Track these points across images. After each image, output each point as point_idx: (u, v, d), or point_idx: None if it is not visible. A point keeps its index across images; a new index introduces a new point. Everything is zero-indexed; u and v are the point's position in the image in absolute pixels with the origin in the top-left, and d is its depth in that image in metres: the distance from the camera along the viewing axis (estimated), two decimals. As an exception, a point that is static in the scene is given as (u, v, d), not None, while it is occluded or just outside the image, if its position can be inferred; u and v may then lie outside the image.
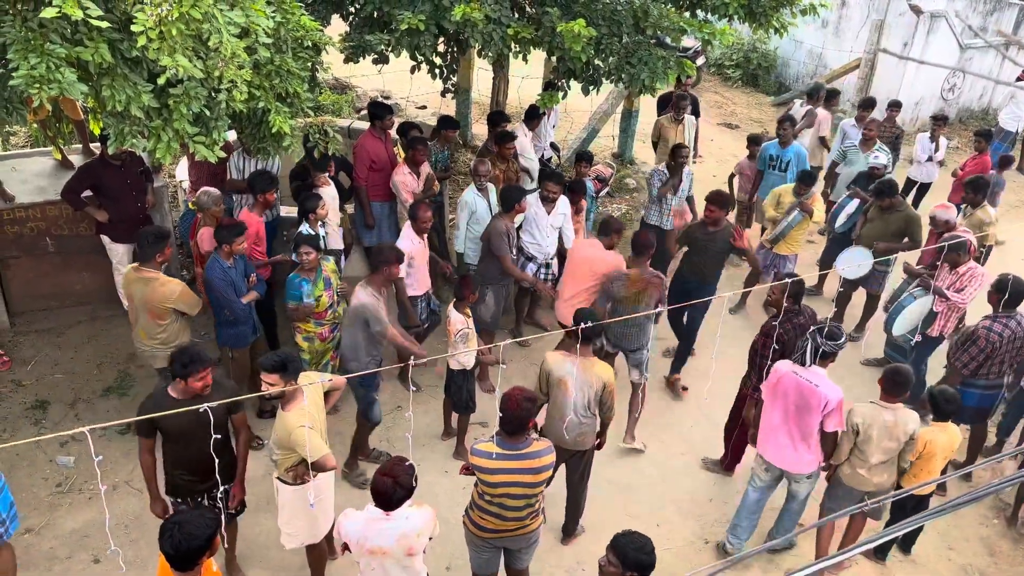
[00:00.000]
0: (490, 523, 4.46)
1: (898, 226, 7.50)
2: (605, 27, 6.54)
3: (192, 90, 4.52)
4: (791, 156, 8.62)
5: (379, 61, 6.98)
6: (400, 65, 7.60)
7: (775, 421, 5.30)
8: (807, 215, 7.77)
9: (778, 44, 15.20)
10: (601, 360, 5.27)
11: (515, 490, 4.29)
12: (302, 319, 6.05)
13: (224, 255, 5.86)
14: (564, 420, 5.07)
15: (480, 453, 4.30)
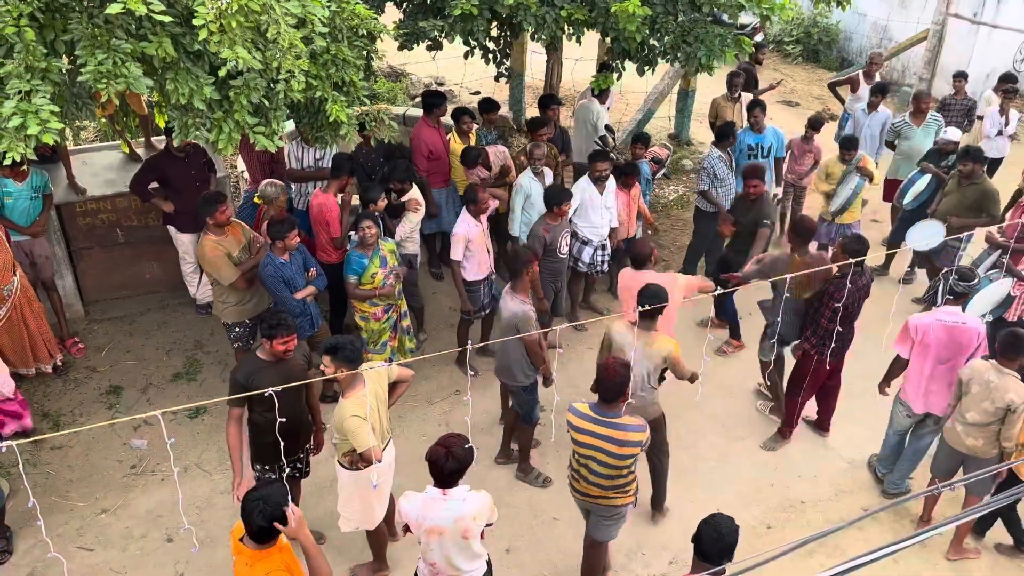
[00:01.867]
0: (578, 484, 4.68)
1: (974, 199, 7.25)
2: (660, 6, 6.45)
3: (252, 81, 4.61)
4: (770, 141, 8.28)
5: (433, 47, 7.01)
6: (454, 51, 7.62)
7: (927, 371, 5.51)
8: (868, 178, 7.72)
9: (840, 18, 14.74)
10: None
11: (600, 456, 4.43)
12: (360, 298, 6.14)
13: (278, 251, 5.85)
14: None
15: (574, 411, 4.50)
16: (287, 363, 4.77)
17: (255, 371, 4.67)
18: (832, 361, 6.03)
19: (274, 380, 4.34)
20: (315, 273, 6.12)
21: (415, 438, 6.33)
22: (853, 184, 7.70)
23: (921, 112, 8.62)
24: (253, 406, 4.71)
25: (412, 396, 6.69)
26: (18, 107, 3.91)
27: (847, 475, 6.27)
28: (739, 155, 8.27)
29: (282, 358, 4.70)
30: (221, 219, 5.95)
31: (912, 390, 5.66)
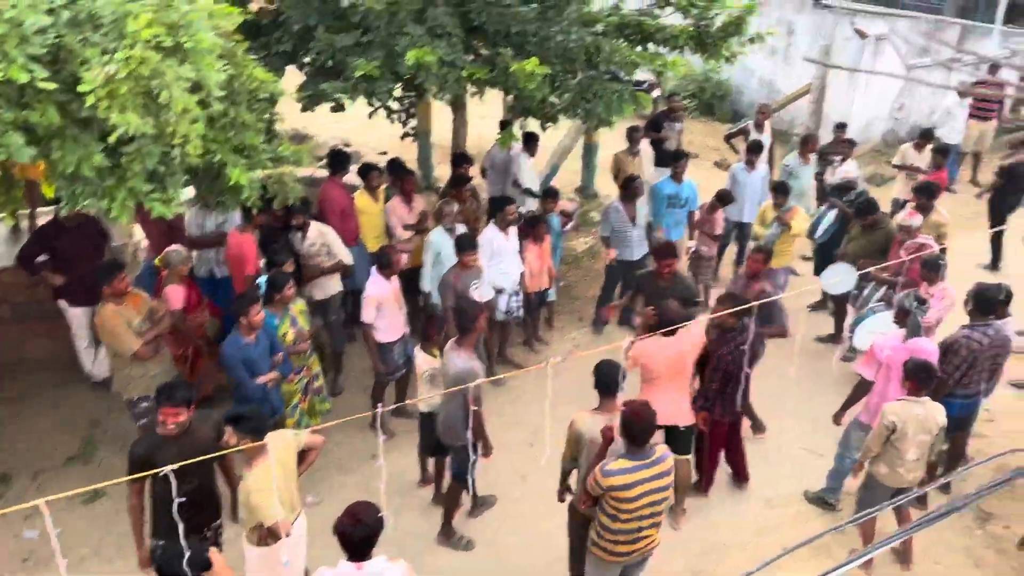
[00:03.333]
0: (625, 545, 4.52)
1: (882, 242, 7.67)
2: (559, 64, 6.63)
3: (145, 147, 4.47)
4: (687, 193, 8.63)
5: (336, 109, 7.00)
6: (359, 111, 7.62)
7: (892, 394, 5.63)
8: (785, 227, 8.05)
9: (731, 73, 15.52)
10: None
11: (654, 496, 4.38)
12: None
13: (244, 330, 5.48)
14: None
15: (615, 472, 4.30)
16: (192, 437, 4.55)
17: (155, 446, 4.46)
18: (728, 418, 6.08)
19: (175, 456, 4.16)
20: (281, 358, 5.76)
21: (332, 508, 6.08)
22: (771, 231, 8.10)
23: (809, 152, 9.28)
24: (155, 483, 4.45)
25: (324, 464, 6.45)
26: None
27: (766, 513, 6.35)
28: (659, 204, 8.61)
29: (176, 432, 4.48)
30: (120, 288, 5.70)
31: (877, 411, 5.66)
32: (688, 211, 8.72)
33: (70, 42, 4.02)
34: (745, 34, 7.56)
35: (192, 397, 4.63)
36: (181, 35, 4.12)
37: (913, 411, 5.26)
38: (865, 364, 5.82)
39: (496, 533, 6.04)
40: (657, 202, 8.63)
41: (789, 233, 8.09)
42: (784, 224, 8.03)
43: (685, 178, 8.63)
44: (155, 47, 3.99)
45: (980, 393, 6.30)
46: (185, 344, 6.50)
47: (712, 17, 7.40)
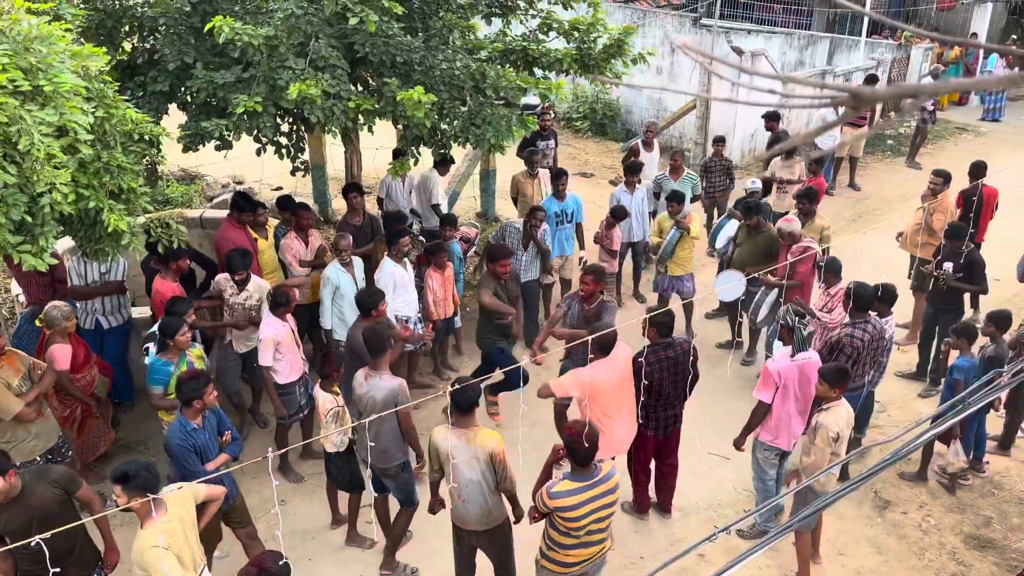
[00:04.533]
0: (578, 556, 4.65)
1: (766, 246, 7.96)
2: (446, 92, 6.64)
3: (9, 197, 4.23)
4: (571, 207, 8.83)
5: (222, 147, 6.80)
6: (248, 148, 7.44)
7: (791, 410, 5.81)
8: (684, 231, 8.25)
9: (620, 93, 15.96)
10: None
11: (600, 513, 4.53)
12: (166, 409, 5.68)
13: (191, 413, 4.99)
14: (460, 497, 4.89)
15: (561, 494, 4.44)
16: (28, 497, 4.35)
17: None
18: (656, 436, 6.10)
19: (12, 518, 4.24)
20: (230, 437, 5.31)
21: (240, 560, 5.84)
22: (669, 235, 8.31)
23: (677, 167, 9.68)
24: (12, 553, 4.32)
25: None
26: None
27: (678, 524, 6.46)
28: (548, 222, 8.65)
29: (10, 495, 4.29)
30: None
31: (780, 431, 5.86)
32: (576, 224, 8.92)
33: (-84, 90, 3.78)
34: (627, 55, 7.76)
35: (7, 465, 4.34)
36: (40, 78, 3.94)
37: (842, 415, 5.43)
38: (762, 389, 5.87)
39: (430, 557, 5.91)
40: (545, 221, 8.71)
41: (689, 237, 8.32)
42: (683, 228, 8.26)
43: (568, 193, 8.80)
44: (12, 92, 3.80)
45: (865, 385, 6.60)
46: (73, 405, 6.13)
47: (593, 40, 7.58)
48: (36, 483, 4.40)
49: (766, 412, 5.87)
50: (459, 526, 5.06)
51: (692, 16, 15.34)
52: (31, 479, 4.41)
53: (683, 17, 15.39)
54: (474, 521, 4.95)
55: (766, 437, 5.97)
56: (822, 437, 5.37)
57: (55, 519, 4.30)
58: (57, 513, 4.41)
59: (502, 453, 4.81)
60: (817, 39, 16.49)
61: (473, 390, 4.81)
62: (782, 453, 5.98)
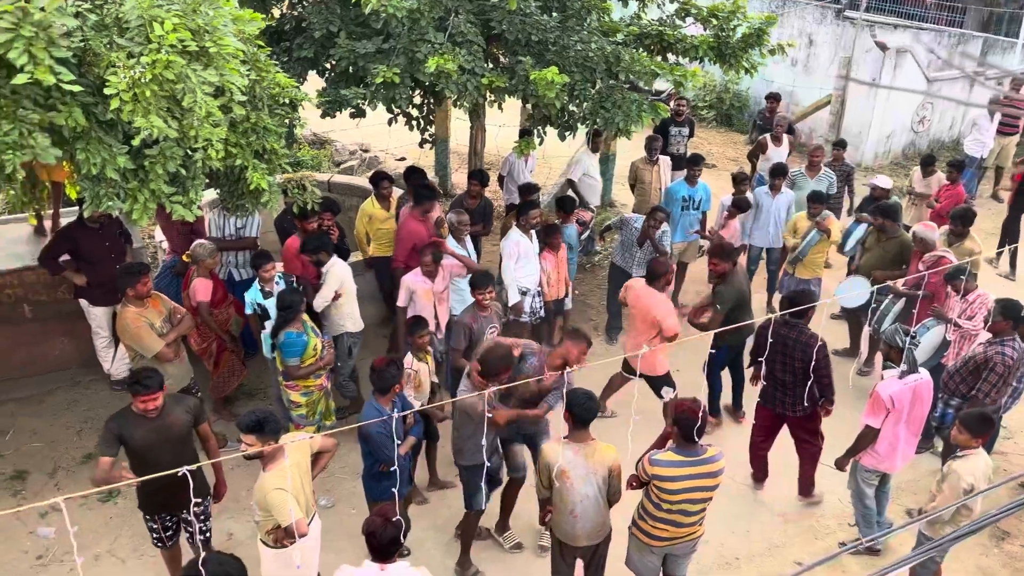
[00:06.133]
0: (665, 531, 4.66)
1: (896, 252, 7.61)
2: (578, 73, 6.64)
3: (168, 150, 4.52)
4: (701, 195, 8.81)
5: (356, 115, 7.03)
6: (378, 118, 7.66)
7: (902, 434, 5.60)
8: (824, 234, 7.98)
9: (750, 84, 15.49)
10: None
11: (696, 495, 4.53)
12: (306, 375, 5.95)
13: (385, 400, 5.01)
14: (573, 514, 4.67)
15: (662, 463, 4.48)
16: (165, 418, 4.71)
17: (126, 423, 4.64)
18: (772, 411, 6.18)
19: (146, 433, 4.56)
20: (413, 420, 5.34)
21: (345, 512, 6.11)
22: (808, 237, 8.04)
23: (815, 164, 9.20)
24: (132, 460, 4.69)
25: (340, 468, 6.48)
26: (-86, 180, 3.74)
27: (779, 529, 6.31)
28: (672, 205, 8.69)
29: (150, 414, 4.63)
30: (142, 291, 5.75)
31: (887, 456, 5.65)
32: (702, 212, 8.82)
33: (96, 45, 4.08)
34: (765, 45, 7.54)
35: (162, 381, 4.72)
36: (206, 40, 4.18)
37: (979, 465, 4.98)
38: (872, 414, 5.57)
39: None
40: (671, 204, 8.72)
41: (827, 241, 8.06)
42: (823, 230, 7.98)
43: (699, 181, 8.72)
44: (180, 51, 4.04)
45: (1001, 409, 6.24)
46: (210, 338, 6.59)
47: (732, 28, 7.39)
48: (174, 407, 4.80)
49: (874, 437, 5.62)
50: (565, 542, 4.82)
51: (835, 7, 14.68)
52: (170, 402, 4.80)
53: (825, 8, 14.75)
54: (584, 537, 4.75)
55: (869, 462, 5.74)
56: (951, 485, 4.99)
57: (180, 444, 4.74)
58: (183, 438, 4.80)
59: (620, 466, 4.66)
60: (969, 38, 15.48)
61: (593, 400, 4.63)
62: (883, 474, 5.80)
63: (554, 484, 4.62)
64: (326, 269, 6.44)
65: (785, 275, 8.46)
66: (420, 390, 5.90)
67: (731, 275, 6.75)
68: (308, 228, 6.74)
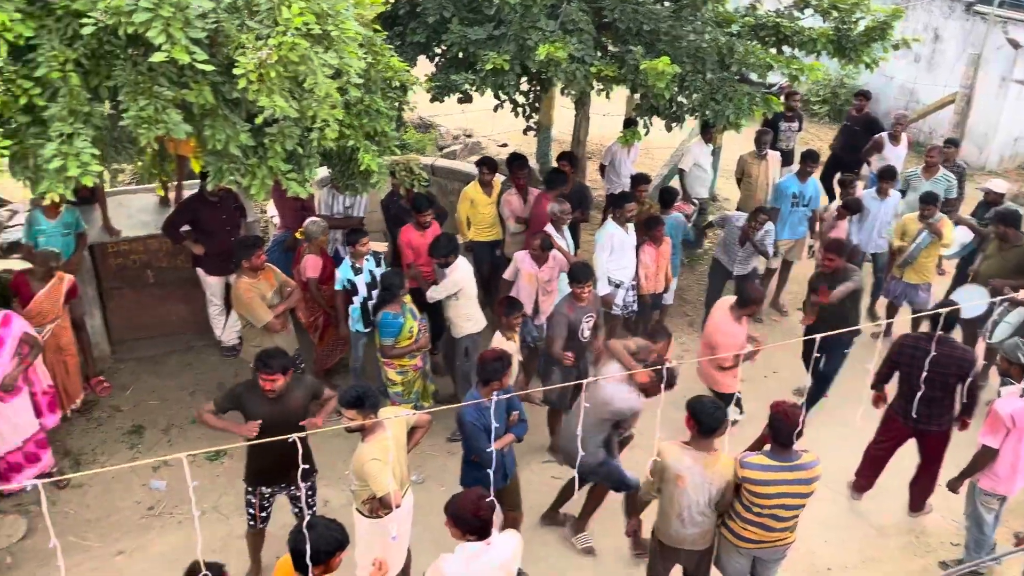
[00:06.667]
0: (754, 534, 4.57)
1: (1016, 262, 7.20)
2: (689, 64, 6.53)
3: (287, 129, 4.71)
4: (811, 192, 8.50)
5: (463, 100, 7.13)
6: (481, 104, 7.74)
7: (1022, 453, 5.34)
8: (936, 237, 7.61)
9: (867, 79, 14.83)
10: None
11: (788, 501, 4.43)
12: (399, 356, 6.13)
13: (487, 392, 4.95)
14: (680, 518, 4.62)
15: (753, 466, 4.41)
16: (285, 400, 4.85)
17: (249, 396, 4.84)
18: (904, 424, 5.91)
19: (266, 411, 4.74)
20: (517, 418, 5.20)
21: (434, 488, 6.26)
22: (919, 239, 7.67)
23: (932, 165, 8.69)
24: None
25: (431, 446, 6.63)
26: (59, 149, 4.02)
27: (875, 542, 6.10)
28: (781, 201, 8.46)
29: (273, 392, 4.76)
30: (256, 263, 6.04)
31: (1007, 477, 5.38)
32: (812, 210, 8.55)
33: (228, 27, 4.28)
34: (889, 40, 7.21)
35: (288, 365, 4.85)
36: (329, 23, 4.32)
37: None
38: (990, 432, 5.28)
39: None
40: (780, 200, 8.46)
41: (938, 244, 7.67)
42: (935, 232, 7.60)
43: (810, 178, 8.47)
44: (305, 34, 4.20)
45: None
46: (317, 313, 6.86)
47: (855, 21, 7.10)
48: (296, 389, 4.93)
49: (992, 458, 5.33)
50: (669, 544, 4.77)
51: (965, 1, 13.88)
52: (293, 384, 4.92)
53: (954, 2, 13.96)
54: (689, 542, 4.71)
55: (987, 484, 5.44)
56: None
57: (296, 427, 4.76)
58: (301, 418, 4.94)
59: (735, 480, 4.56)
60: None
61: (719, 408, 4.52)
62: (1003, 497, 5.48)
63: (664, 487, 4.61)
64: (448, 271, 6.49)
65: (892, 279, 8.10)
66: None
67: (844, 271, 6.65)
68: (423, 220, 6.87)
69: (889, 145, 9.75)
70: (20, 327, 5.65)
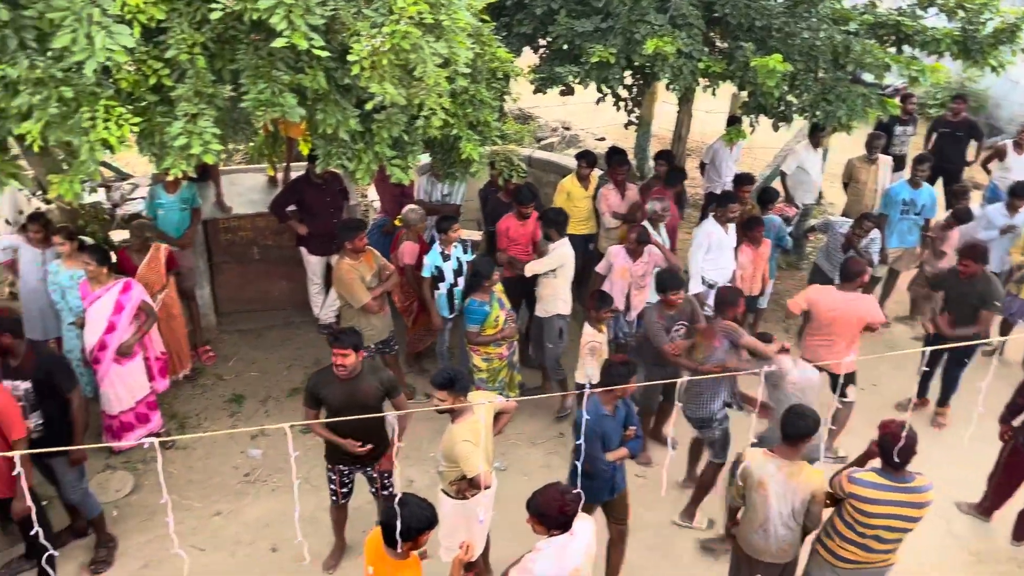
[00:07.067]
0: (853, 554, 4.43)
1: None
2: (801, 62, 6.33)
3: (394, 116, 4.83)
4: (925, 200, 8.00)
5: (565, 93, 7.13)
6: (581, 96, 7.72)
7: None
8: None
9: (991, 83, 14.03)
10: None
11: (895, 523, 4.30)
12: (484, 344, 6.22)
13: (608, 399, 4.83)
14: (763, 528, 4.52)
15: (862, 482, 4.27)
16: (358, 382, 4.88)
17: (323, 382, 4.92)
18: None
19: (339, 393, 4.80)
20: (633, 432, 5.05)
21: (516, 477, 6.32)
22: None
23: None
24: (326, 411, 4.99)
25: (516, 435, 6.70)
26: (184, 128, 4.24)
27: (973, 569, 5.81)
28: (891, 208, 8.08)
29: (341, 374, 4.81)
30: (358, 245, 6.22)
31: None
32: (924, 220, 8.12)
33: (345, 15, 4.41)
34: (1018, 43, 6.81)
35: (360, 344, 4.92)
36: (441, 13, 4.40)
37: None
38: None
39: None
40: (890, 207, 8.09)
41: None
42: None
43: (924, 184, 8.06)
44: (418, 23, 4.28)
45: None
46: (412, 298, 7.03)
47: (982, 22, 6.73)
48: (369, 374, 4.98)
49: None
50: (750, 555, 4.66)
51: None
52: (367, 369, 5.00)
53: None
54: (771, 554, 4.59)
55: None
56: None
57: (369, 410, 4.77)
58: (372, 407, 4.91)
59: (823, 493, 4.43)
60: None
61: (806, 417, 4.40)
62: None
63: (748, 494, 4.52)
64: (553, 247, 6.60)
65: (1009, 295, 7.66)
66: (601, 360, 6.01)
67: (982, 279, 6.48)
68: (524, 211, 6.93)
69: (1013, 153, 9.21)
70: (139, 295, 5.99)
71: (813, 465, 4.49)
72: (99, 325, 5.86)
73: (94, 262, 5.79)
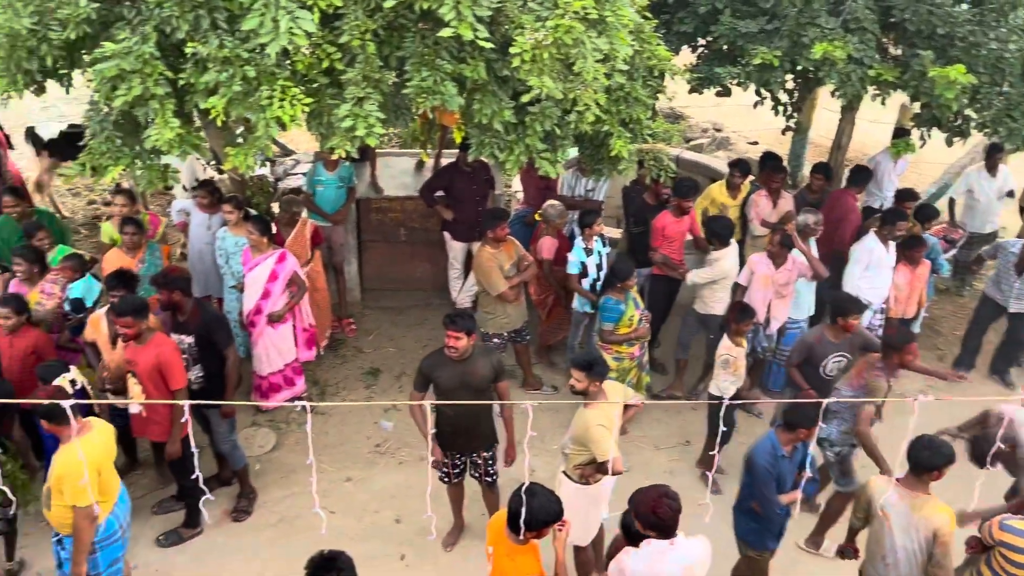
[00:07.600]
0: None
1: None
2: (986, 75, 5.89)
3: (547, 110, 4.87)
4: None
5: (722, 94, 6.95)
6: (735, 99, 7.49)
7: None
8: None
9: None
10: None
11: None
12: (618, 342, 6.20)
13: (786, 440, 4.60)
14: (884, 561, 4.28)
15: (1015, 530, 4.03)
16: (470, 364, 4.90)
17: (436, 364, 4.97)
18: None
19: (450, 375, 4.82)
20: (807, 475, 4.62)
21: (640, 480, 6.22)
22: None
23: None
24: (436, 394, 5.02)
25: (640, 437, 6.63)
26: (351, 111, 4.44)
27: None
28: None
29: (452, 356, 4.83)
30: (500, 234, 6.33)
31: None
32: None
33: (511, 7, 4.48)
34: None
35: (473, 328, 4.94)
36: (605, 9, 4.39)
37: None
38: None
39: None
40: None
41: None
42: None
43: None
44: (582, 18, 4.30)
45: None
46: (548, 291, 7.09)
47: None
48: (480, 357, 5.02)
49: None
50: None
51: None
52: (477, 352, 5.04)
53: None
54: None
55: None
56: None
57: (479, 393, 4.87)
58: (482, 389, 4.98)
59: (949, 536, 4.10)
60: None
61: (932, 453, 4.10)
62: None
63: (871, 521, 4.32)
64: (717, 256, 6.56)
65: None
66: (737, 373, 5.86)
67: None
68: (684, 206, 6.89)
69: None
70: (292, 265, 6.35)
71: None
72: (256, 290, 6.26)
73: (257, 231, 6.20)
